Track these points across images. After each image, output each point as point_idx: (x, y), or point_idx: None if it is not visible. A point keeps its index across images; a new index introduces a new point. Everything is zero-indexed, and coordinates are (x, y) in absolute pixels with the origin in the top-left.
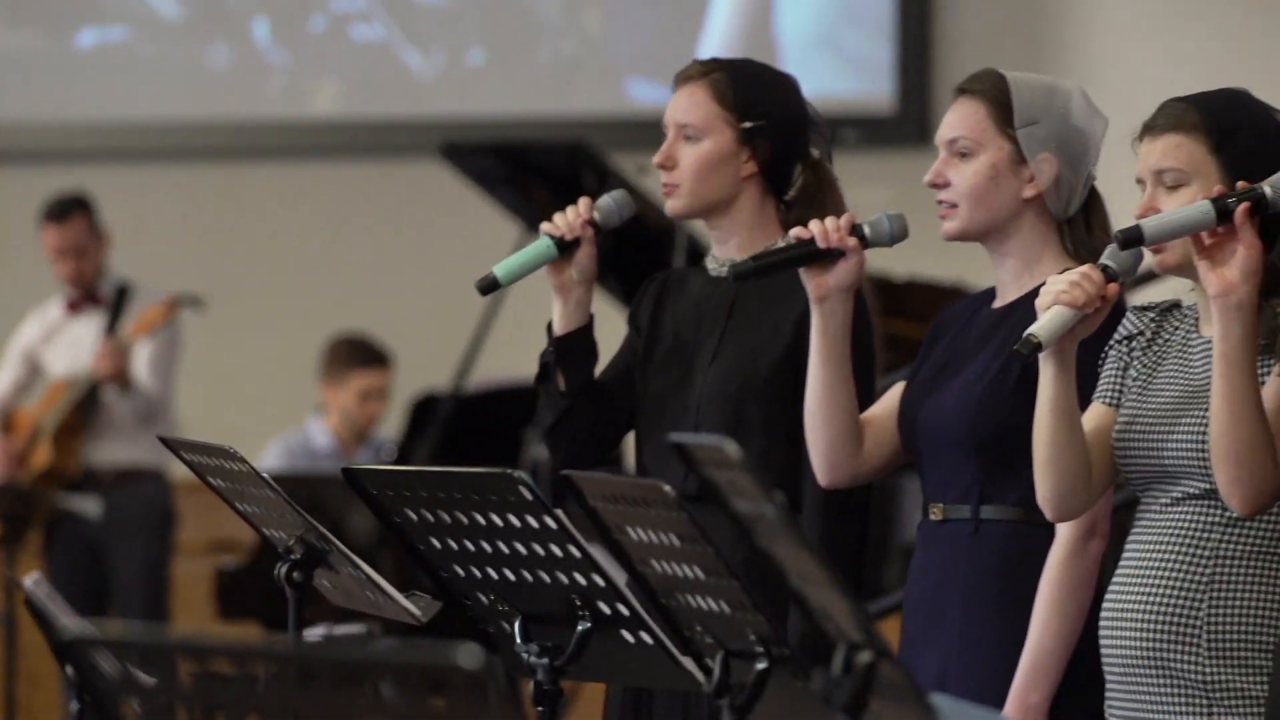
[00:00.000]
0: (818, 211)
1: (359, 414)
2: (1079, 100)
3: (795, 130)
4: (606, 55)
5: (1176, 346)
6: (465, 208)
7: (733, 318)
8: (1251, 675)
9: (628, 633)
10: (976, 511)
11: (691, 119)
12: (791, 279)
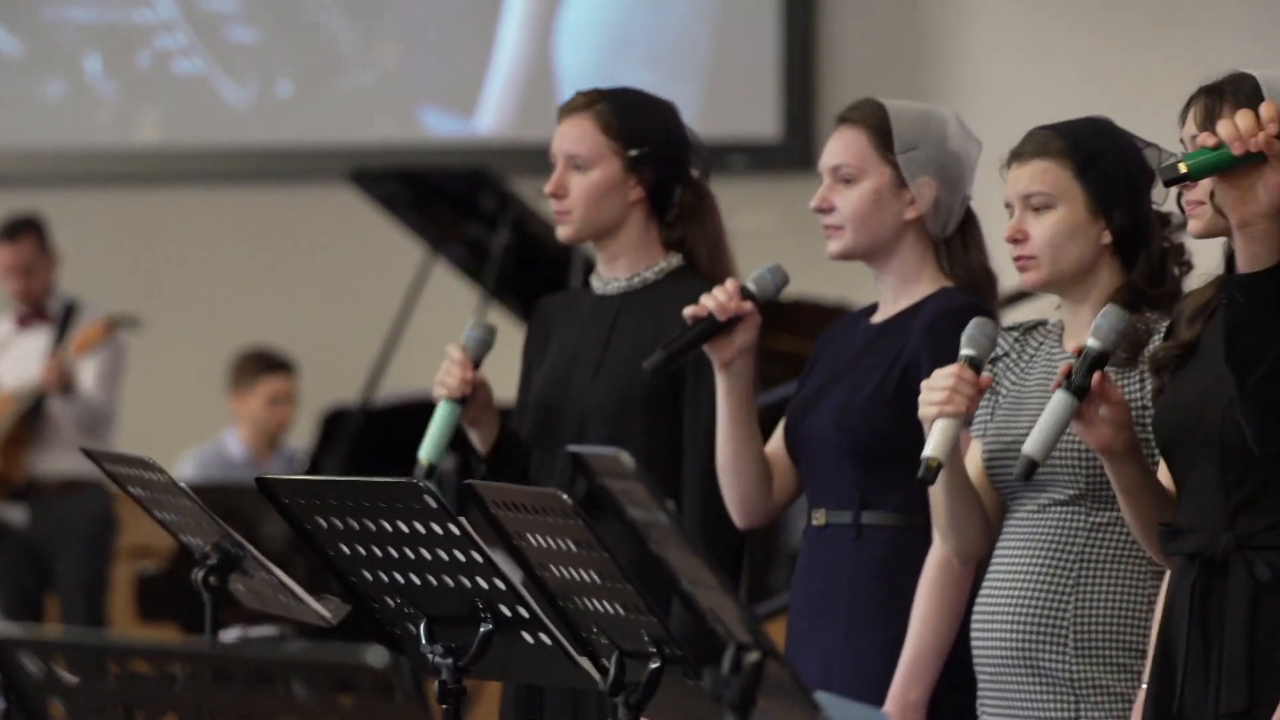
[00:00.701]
0: (698, 230)
1: (268, 419)
2: (955, 126)
3: (677, 154)
4: (402, 87)
5: (1042, 362)
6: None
7: (614, 334)
8: (1116, 673)
9: (528, 634)
10: (857, 517)
11: (580, 150)
12: (669, 297)
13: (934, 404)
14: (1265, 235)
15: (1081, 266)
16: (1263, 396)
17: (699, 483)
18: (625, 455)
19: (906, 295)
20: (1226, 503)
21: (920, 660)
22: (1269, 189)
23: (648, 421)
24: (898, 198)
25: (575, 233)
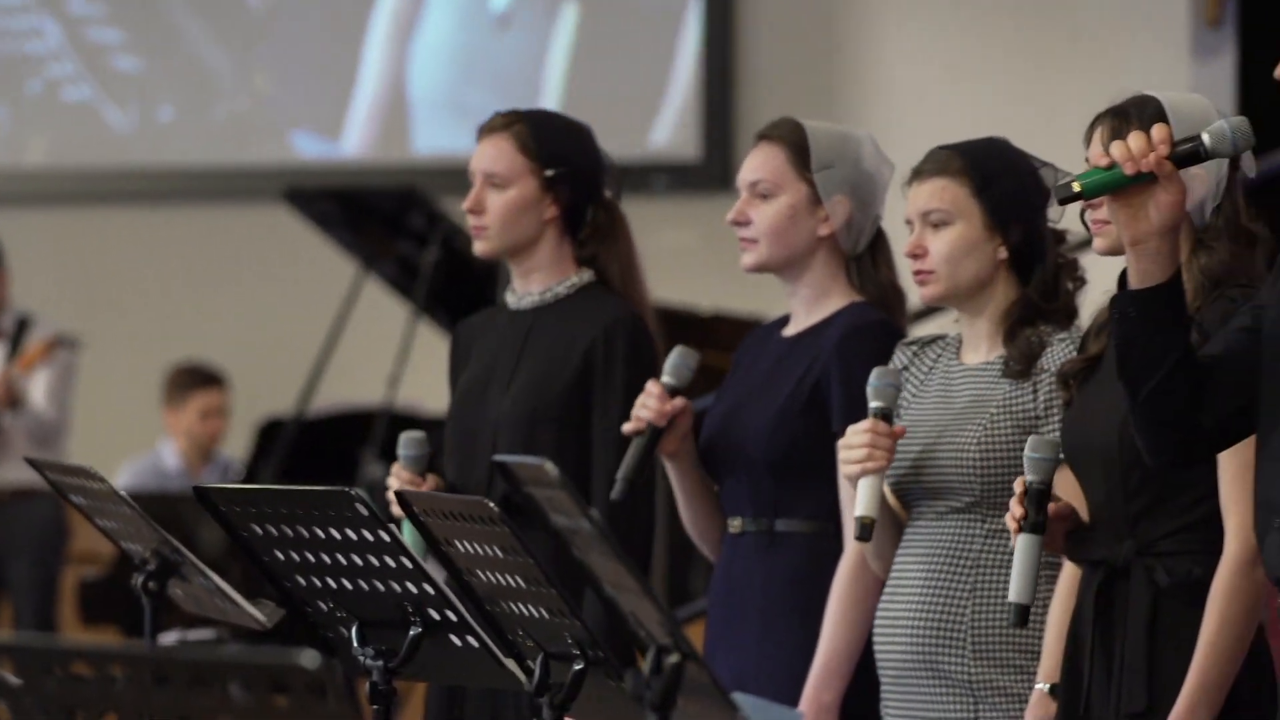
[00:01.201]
0: (610, 247)
1: (201, 432)
2: (869, 147)
3: (591, 175)
4: (274, 112)
5: (939, 374)
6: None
7: (527, 348)
8: (1012, 674)
9: (455, 637)
10: (771, 524)
11: (498, 168)
12: (580, 312)
13: (855, 463)
14: (1156, 253)
15: (978, 281)
16: (1153, 409)
17: (607, 490)
18: (549, 465)
19: (818, 309)
20: (1128, 511)
21: (832, 663)
22: (1160, 208)
23: (559, 433)
24: (812, 214)
25: (492, 248)
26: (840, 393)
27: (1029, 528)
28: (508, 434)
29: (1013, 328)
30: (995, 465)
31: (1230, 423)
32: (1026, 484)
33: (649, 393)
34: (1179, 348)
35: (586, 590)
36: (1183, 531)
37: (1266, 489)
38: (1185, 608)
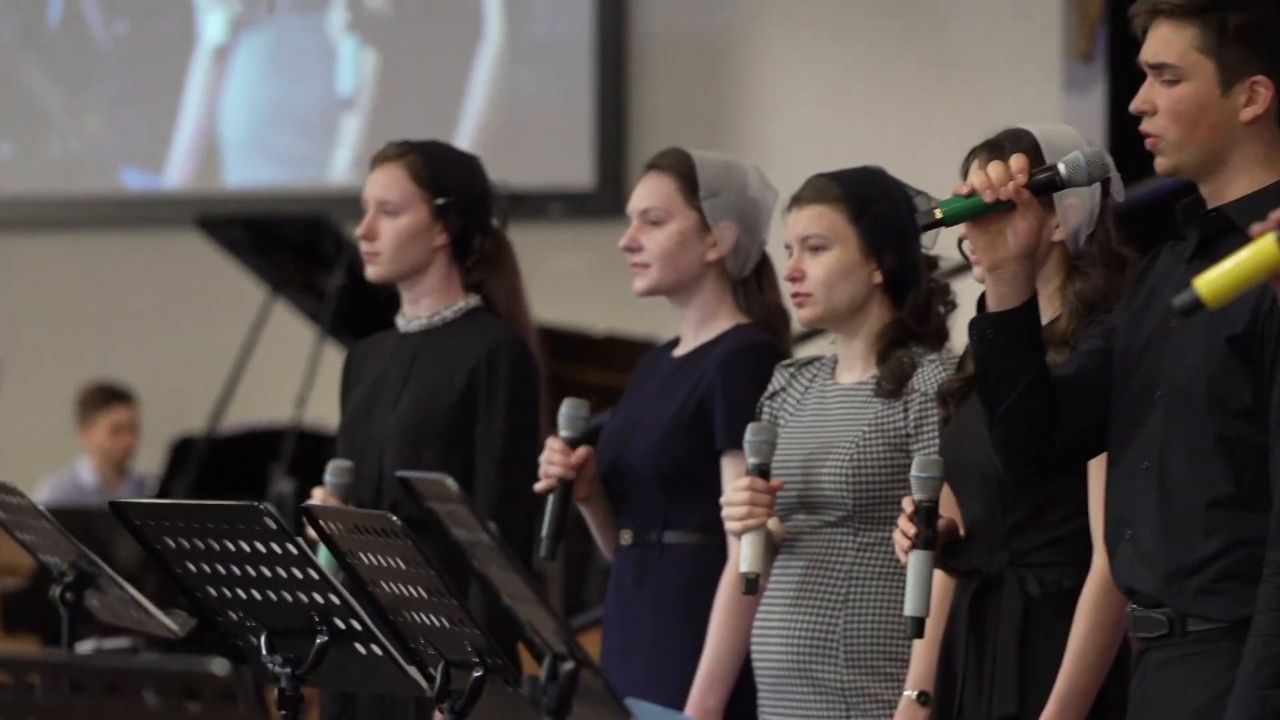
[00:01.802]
0: (496, 274)
1: (113, 447)
2: (754, 176)
3: (479, 204)
4: (104, 148)
5: (815, 394)
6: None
7: (414, 369)
8: (883, 681)
9: (360, 645)
10: (660, 536)
11: (390, 196)
12: (465, 336)
13: (737, 520)
14: (1014, 277)
15: (853, 304)
16: (1009, 426)
17: (490, 505)
18: (450, 480)
19: (705, 331)
20: (1002, 524)
21: (716, 670)
22: (1017, 234)
23: (443, 448)
24: (700, 240)
25: (383, 273)
26: (722, 411)
27: (921, 544)
28: (394, 450)
29: (886, 349)
30: (867, 481)
31: (1082, 440)
32: (916, 503)
33: (552, 449)
34: (1034, 368)
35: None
36: (1054, 544)
37: (1116, 503)
38: (1055, 616)
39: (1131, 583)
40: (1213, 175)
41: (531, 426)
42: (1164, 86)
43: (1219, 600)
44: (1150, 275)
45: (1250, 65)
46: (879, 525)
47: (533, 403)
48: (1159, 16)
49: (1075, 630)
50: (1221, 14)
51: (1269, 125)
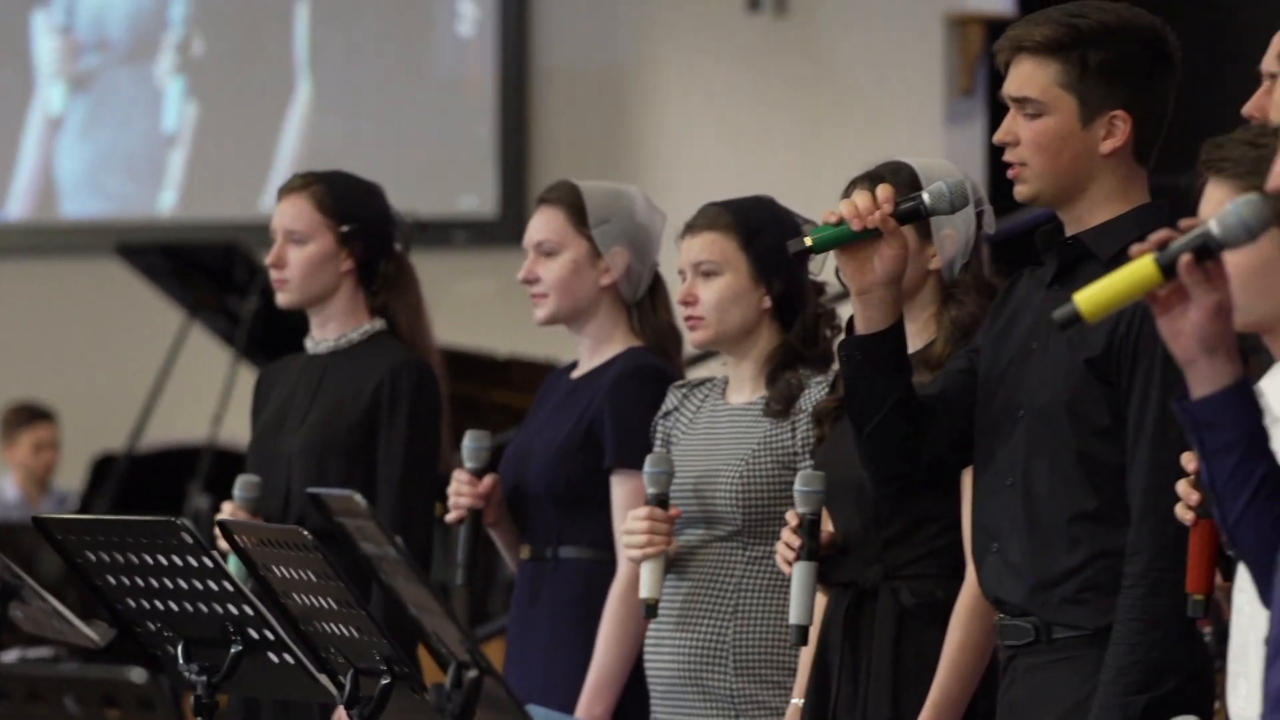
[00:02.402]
0: (399, 298)
1: (35, 464)
2: (641, 201)
3: (382, 230)
4: None
5: (706, 413)
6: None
7: (321, 389)
8: (770, 689)
9: (273, 654)
10: (556, 551)
11: (297, 225)
12: (369, 357)
13: (637, 548)
14: (881, 301)
15: (744, 327)
16: (877, 443)
17: (390, 519)
18: (358, 496)
19: (601, 354)
20: (877, 538)
21: (603, 679)
22: (884, 260)
23: (347, 465)
24: (593, 266)
25: (292, 299)
26: (611, 432)
27: (805, 555)
28: (300, 466)
29: (774, 371)
30: (756, 497)
31: (948, 456)
32: (800, 516)
33: (459, 481)
34: (900, 388)
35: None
36: (927, 557)
37: (982, 517)
38: (928, 627)
39: (999, 593)
40: (1072, 204)
41: (432, 444)
42: (1027, 119)
43: (1083, 609)
44: (1010, 300)
45: (1110, 101)
46: (768, 540)
47: (433, 421)
48: (1022, 52)
49: (949, 640)
50: (1083, 51)
51: (1126, 158)
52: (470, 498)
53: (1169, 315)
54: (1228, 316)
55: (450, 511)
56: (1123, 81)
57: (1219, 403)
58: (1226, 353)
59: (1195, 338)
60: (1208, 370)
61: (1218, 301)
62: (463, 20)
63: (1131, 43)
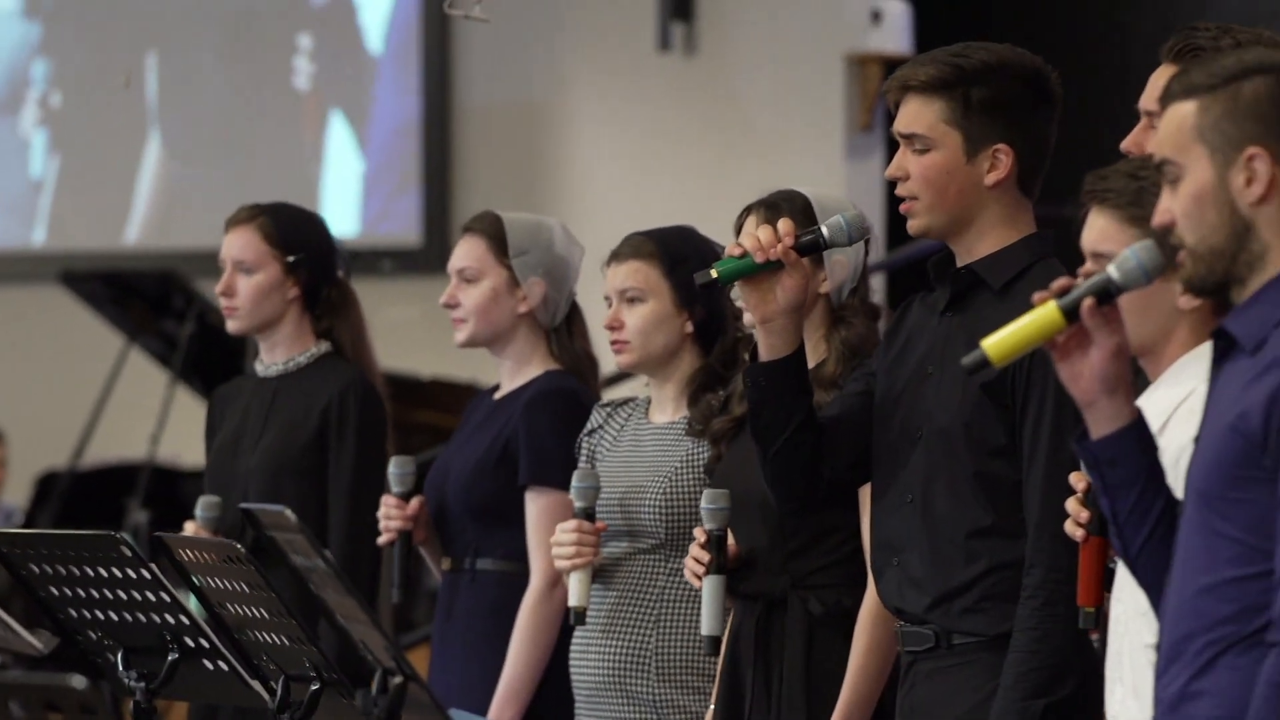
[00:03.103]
0: (343, 321)
1: None
2: (560, 233)
3: (326, 258)
4: None
5: (630, 432)
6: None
7: (273, 410)
8: (691, 694)
9: (208, 661)
10: (473, 563)
11: (245, 256)
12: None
13: (566, 559)
14: (783, 329)
15: (667, 351)
16: (781, 463)
17: (340, 532)
18: (289, 511)
19: (520, 376)
20: (782, 550)
21: (515, 684)
22: (785, 291)
23: (301, 482)
24: (512, 294)
25: (242, 326)
26: (525, 450)
27: (714, 569)
28: (257, 485)
29: (695, 392)
30: (679, 513)
31: (848, 474)
32: (707, 532)
33: (388, 504)
34: (803, 410)
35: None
36: (832, 567)
37: (881, 532)
38: (836, 634)
39: (900, 604)
40: (961, 235)
41: (379, 459)
42: (915, 155)
43: (982, 617)
44: (904, 326)
45: (992, 135)
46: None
47: (380, 437)
48: (909, 91)
49: (855, 644)
50: (966, 89)
51: (1010, 189)
52: (399, 520)
53: (1069, 360)
54: (1126, 358)
55: (382, 535)
56: (1005, 117)
57: (1119, 441)
58: (1125, 393)
59: (1097, 378)
60: (1108, 410)
61: (1117, 343)
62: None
63: (1013, 80)
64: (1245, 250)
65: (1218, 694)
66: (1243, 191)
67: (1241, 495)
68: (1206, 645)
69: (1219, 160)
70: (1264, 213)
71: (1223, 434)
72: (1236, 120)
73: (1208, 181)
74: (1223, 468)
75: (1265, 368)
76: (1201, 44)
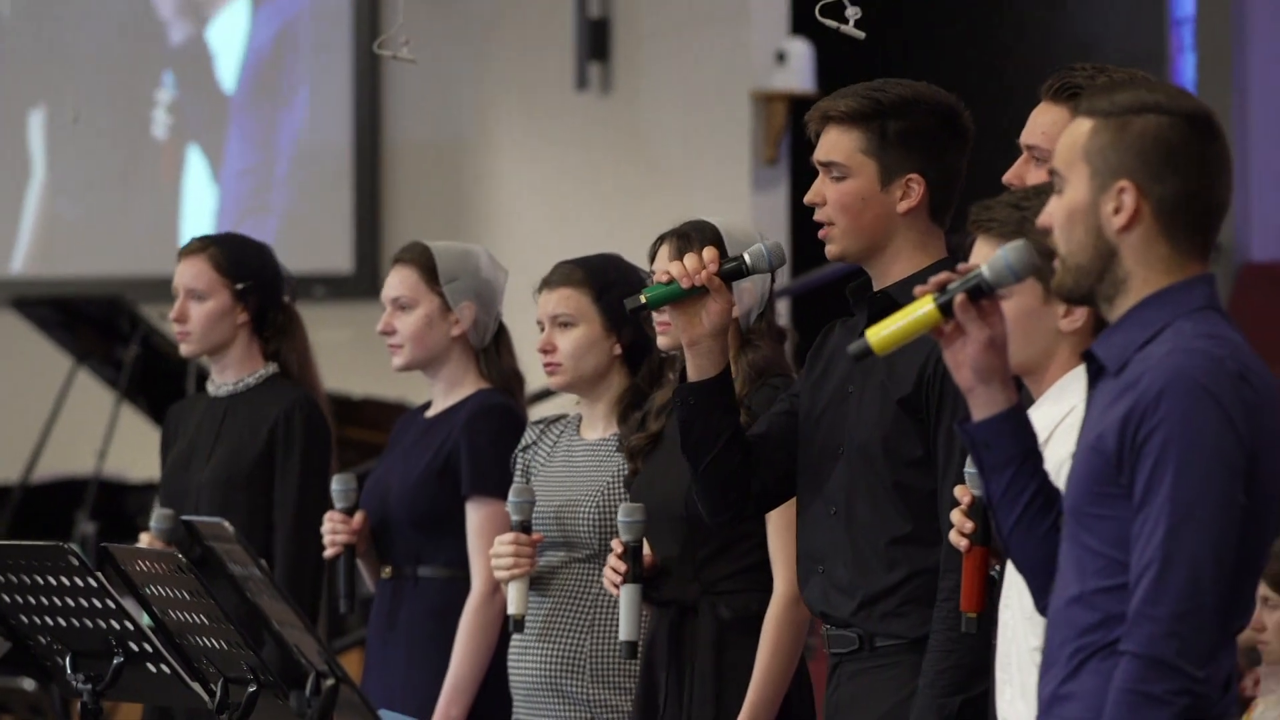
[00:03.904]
0: (289, 344)
1: None
2: (485, 259)
3: (273, 285)
4: None
5: (563, 448)
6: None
7: (224, 428)
8: (622, 695)
9: (152, 665)
10: (415, 570)
11: (197, 284)
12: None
13: (504, 569)
14: (709, 351)
15: (597, 372)
16: (711, 477)
17: (285, 544)
18: (227, 523)
19: (453, 395)
20: (693, 559)
21: (458, 685)
22: (710, 315)
23: (250, 496)
24: (444, 319)
25: (194, 350)
26: (467, 463)
27: (631, 578)
28: (208, 498)
29: (624, 411)
30: (611, 524)
31: (774, 488)
32: (624, 544)
33: (333, 519)
34: (730, 427)
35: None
36: (740, 574)
37: (805, 541)
38: (744, 636)
39: (825, 609)
40: (876, 260)
41: (323, 474)
42: (833, 182)
43: (903, 621)
44: (825, 349)
45: (906, 165)
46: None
47: (324, 453)
48: (829, 122)
49: (762, 646)
50: (882, 121)
51: (922, 216)
52: (345, 534)
53: (951, 349)
54: (1000, 350)
55: (328, 549)
56: (918, 149)
57: (994, 426)
58: (1001, 382)
59: (971, 368)
60: (985, 397)
61: (990, 336)
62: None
63: (927, 115)
64: (1110, 273)
65: (1084, 697)
66: (1109, 218)
67: (1103, 511)
68: (1075, 651)
69: (1095, 184)
70: (1127, 241)
71: (1085, 453)
72: (1119, 150)
73: (1082, 200)
74: (1085, 485)
75: (1123, 390)
76: (1079, 83)
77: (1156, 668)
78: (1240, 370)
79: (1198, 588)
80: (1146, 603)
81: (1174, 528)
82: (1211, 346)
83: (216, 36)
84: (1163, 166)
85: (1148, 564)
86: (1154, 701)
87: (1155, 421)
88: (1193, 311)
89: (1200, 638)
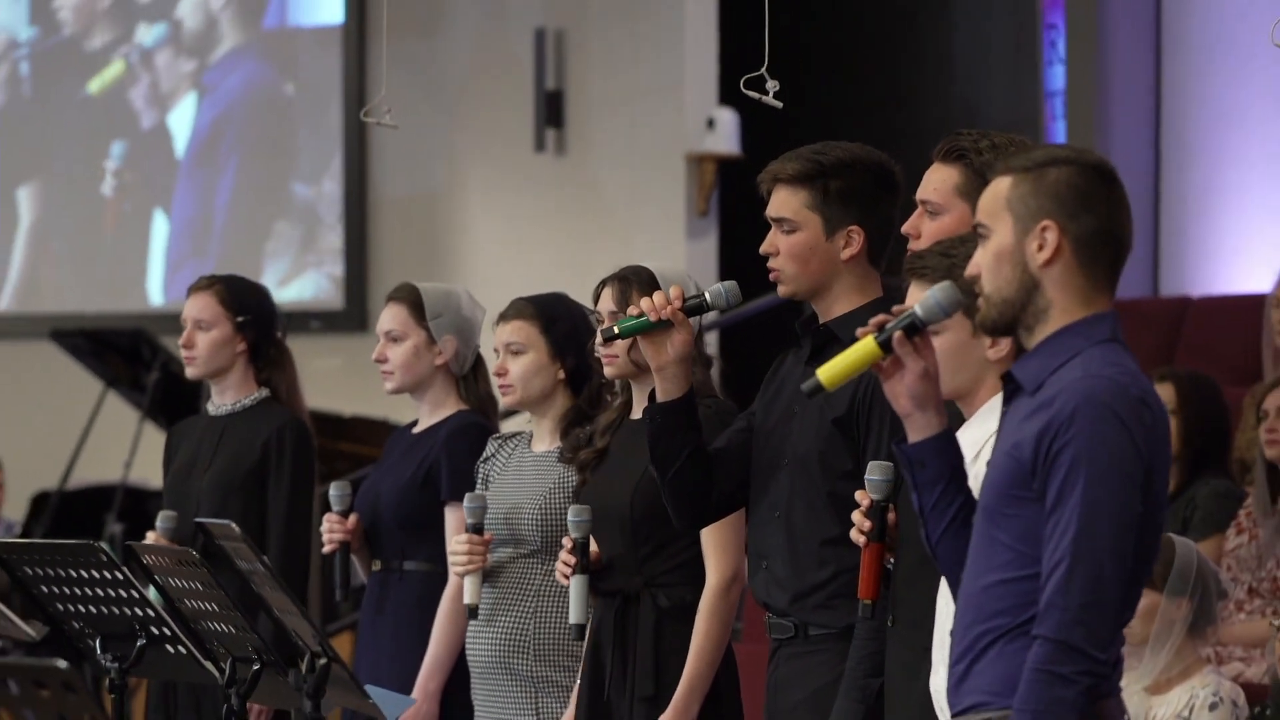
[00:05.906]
0: (280, 373)
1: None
2: (466, 298)
3: (268, 321)
4: None
5: (516, 459)
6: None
7: (221, 443)
8: (563, 672)
9: (170, 646)
10: (401, 564)
11: (203, 316)
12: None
13: (460, 565)
14: (675, 376)
15: (543, 393)
16: (676, 486)
17: (278, 545)
18: (234, 525)
19: (436, 415)
20: (637, 555)
21: (437, 661)
22: (675, 345)
23: (245, 502)
24: (430, 350)
25: (198, 373)
26: (446, 474)
27: (579, 570)
28: (207, 502)
29: (567, 427)
30: (552, 525)
31: (733, 494)
32: (574, 540)
33: (331, 520)
34: (693, 442)
35: None
36: (677, 569)
37: (754, 541)
38: (680, 623)
39: (767, 600)
40: (821, 298)
41: (309, 486)
42: (783, 235)
43: (832, 613)
44: (779, 374)
45: (847, 218)
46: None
47: (310, 468)
48: (779, 183)
49: (696, 632)
50: (825, 181)
51: (861, 261)
52: (341, 534)
53: (890, 381)
54: (934, 380)
55: (326, 545)
56: (856, 203)
57: (928, 447)
58: (935, 408)
59: (909, 396)
60: (920, 421)
61: (924, 368)
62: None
63: (863, 174)
64: (1032, 303)
65: (990, 675)
66: (1034, 255)
67: (1013, 511)
68: (982, 634)
69: (1019, 228)
70: (1050, 274)
71: (1001, 459)
72: (1038, 196)
73: (1008, 243)
74: (1000, 487)
75: (1038, 407)
76: (965, 146)
77: (1066, 651)
78: (1141, 396)
79: (1101, 582)
80: (1058, 594)
81: (1082, 530)
82: (1117, 374)
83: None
84: (1078, 207)
85: (1059, 561)
86: (1063, 680)
87: (1069, 437)
88: (1101, 342)
89: (1103, 625)
